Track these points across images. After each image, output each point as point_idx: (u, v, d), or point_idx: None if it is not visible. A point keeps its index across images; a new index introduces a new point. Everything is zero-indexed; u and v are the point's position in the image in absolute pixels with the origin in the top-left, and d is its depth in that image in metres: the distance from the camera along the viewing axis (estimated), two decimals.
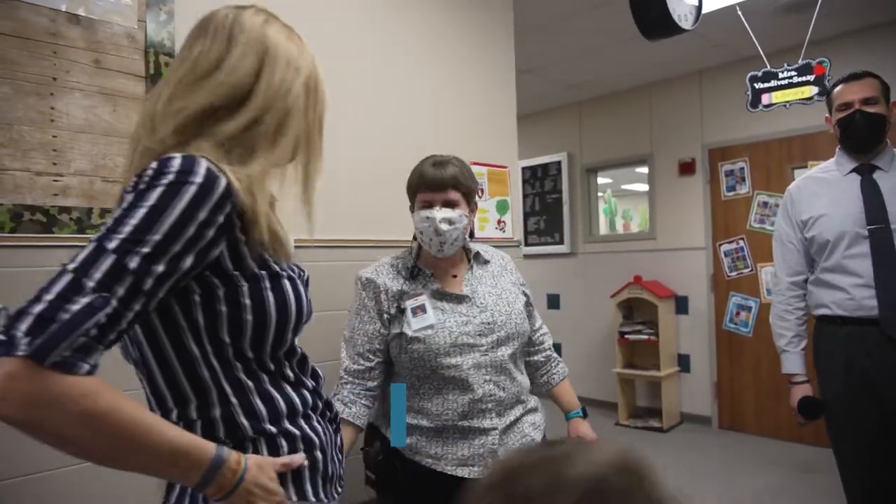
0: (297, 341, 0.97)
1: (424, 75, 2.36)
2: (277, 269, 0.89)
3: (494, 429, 1.54)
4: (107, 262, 0.70)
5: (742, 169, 4.57)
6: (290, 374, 0.94)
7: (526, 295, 1.75)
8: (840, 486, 2.22)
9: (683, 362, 4.85)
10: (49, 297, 0.67)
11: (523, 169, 5.66)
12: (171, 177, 0.76)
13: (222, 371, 0.85)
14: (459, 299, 1.61)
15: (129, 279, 0.71)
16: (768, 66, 3.28)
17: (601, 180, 5.73)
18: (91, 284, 0.68)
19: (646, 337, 4.74)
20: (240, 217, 0.83)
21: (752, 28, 3.26)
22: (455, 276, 1.67)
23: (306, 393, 0.95)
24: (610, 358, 5.00)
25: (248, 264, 0.85)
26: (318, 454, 0.94)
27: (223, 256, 0.82)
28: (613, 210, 5.70)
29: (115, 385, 0.72)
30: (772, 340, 4.40)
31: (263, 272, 0.87)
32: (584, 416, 1.79)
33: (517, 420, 1.60)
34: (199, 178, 0.77)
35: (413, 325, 1.56)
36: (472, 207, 1.67)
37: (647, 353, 4.83)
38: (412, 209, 1.65)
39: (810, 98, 3.18)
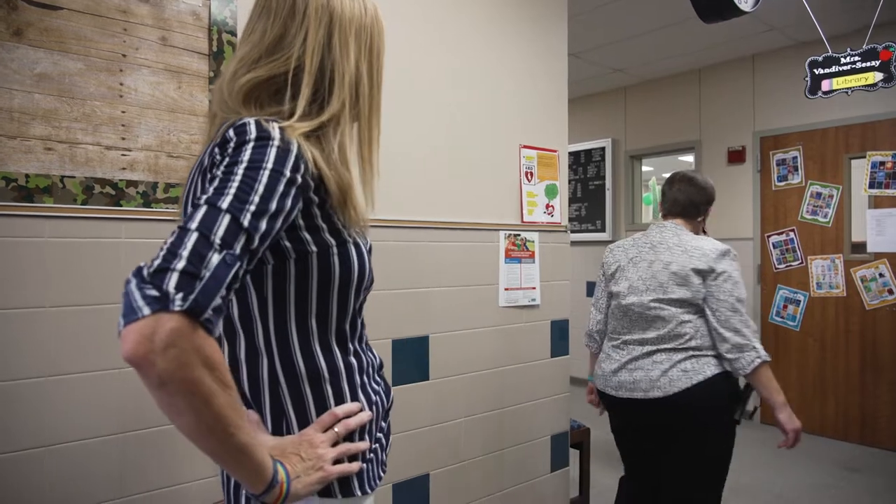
0: (362, 315, 0.98)
1: (478, 57, 2.34)
2: (345, 235, 0.89)
3: None
4: (224, 220, 0.69)
5: (795, 158, 4.43)
6: (351, 348, 0.94)
7: None
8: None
9: None
10: (185, 253, 0.65)
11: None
12: (252, 139, 0.77)
13: (277, 338, 0.88)
14: None
15: (243, 237, 0.70)
16: (829, 51, 3.16)
17: (642, 168, 5.62)
18: (218, 242, 0.68)
19: None
20: (313, 180, 0.83)
21: (813, 10, 3.14)
22: None
23: (367, 366, 0.97)
24: None
25: (318, 227, 0.86)
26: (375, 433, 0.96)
27: (298, 219, 0.83)
28: (657, 198, 5.59)
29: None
30: (819, 335, 4.28)
31: (332, 239, 0.87)
32: None
33: None
34: (276, 140, 0.78)
35: None
36: None
37: None
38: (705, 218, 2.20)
39: (874, 84, 3.06)
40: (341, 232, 0.88)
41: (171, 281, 0.63)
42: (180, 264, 0.64)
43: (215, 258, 0.67)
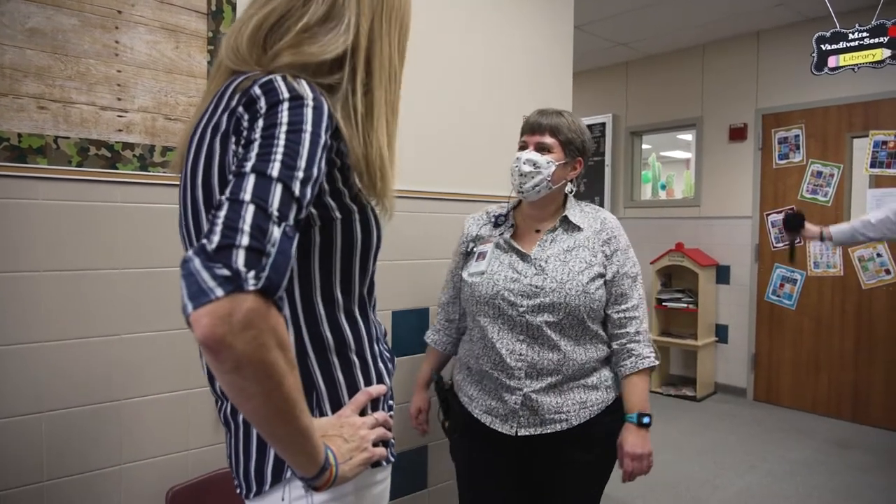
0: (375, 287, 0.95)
1: (482, 20, 2.28)
2: (364, 200, 0.86)
3: (520, 389, 1.52)
4: (278, 190, 0.65)
5: (797, 136, 4.39)
6: (370, 316, 0.93)
7: (605, 271, 1.58)
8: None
9: (721, 332, 4.78)
10: (246, 227, 0.61)
11: None
12: (286, 98, 0.73)
13: (304, 310, 0.84)
14: (522, 256, 1.58)
15: (295, 207, 0.67)
16: (838, 27, 3.11)
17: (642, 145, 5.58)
18: (276, 214, 0.64)
19: (684, 305, 4.67)
20: (334, 140, 0.79)
21: None
22: (538, 232, 1.64)
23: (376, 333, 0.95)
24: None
25: (340, 191, 0.82)
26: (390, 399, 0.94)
27: (323, 182, 0.80)
28: (657, 175, 5.56)
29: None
30: (814, 314, 4.37)
31: (353, 205, 0.84)
32: (641, 424, 1.54)
33: (556, 389, 1.54)
34: (310, 100, 0.74)
35: (470, 269, 1.64)
36: (573, 163, 1.63)
37: (685, 321, 4.77)
38: None
39: (882, 61, 3.02)
40: (360, 197, 0.85)
41: (240, 259, 0.59)
42: (244, 240, 0.60)
43: (276, 232, 0.63)
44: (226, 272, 0.59)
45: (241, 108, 0.76)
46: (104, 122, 1.47)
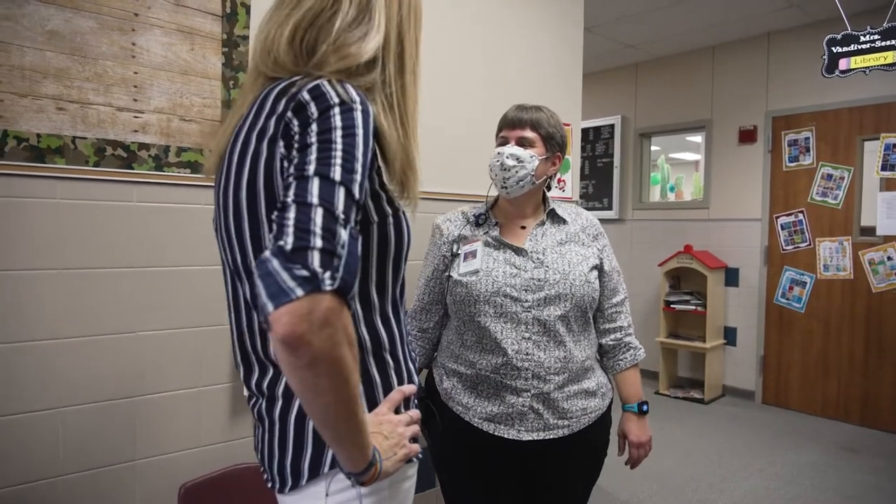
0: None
1: (494, 20, 2.29)
2: (397, 203, 0.88)
3: (527, 391, 1.47)
4: (341, 193, 0.69)
5: (807, 139, 4.37)
6: (401, 317, 0.95)
7: (601, 262, 1.60)
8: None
9: (730, 335, 4.76)
10: (318, 230, 0.64)
11: None
12: (337, 103, 0.75)
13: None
14: (517, 251, 1.53)
15: (355, 208, 0.70)
16: (849, 29, 3.10)
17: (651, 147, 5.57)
18: (342, 216, 0.67)
19: (693, 307, 4.66)
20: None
21: None
22: (523, 228, 1.60)
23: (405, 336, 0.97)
24: (653, 327, 4.95)
25: (378, 194, 0.84)
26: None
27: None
28: (666, 177, 5.55)
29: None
30: (823, 317, 4.28)
31: (389, 208, 0.86)
32: (641, 412, 1.64)
33: (563, 390, 1.50)
34: (359, 104, 0.76)
35: (460, 269, 1.54)
36: (553, 158, 1.58)
37: (693, 323, 4.76)
38: None
39: (893, 64, 3.00)
40: (394, 200, 0.88)
41: (315, 260, 0.63)
42: (318, 242, 0.64)
43: (344, 234, 0.67)
44: (304, 273, 0.62)
45: (289, 114, 0.77)
46: (121, 123, 1.50)
